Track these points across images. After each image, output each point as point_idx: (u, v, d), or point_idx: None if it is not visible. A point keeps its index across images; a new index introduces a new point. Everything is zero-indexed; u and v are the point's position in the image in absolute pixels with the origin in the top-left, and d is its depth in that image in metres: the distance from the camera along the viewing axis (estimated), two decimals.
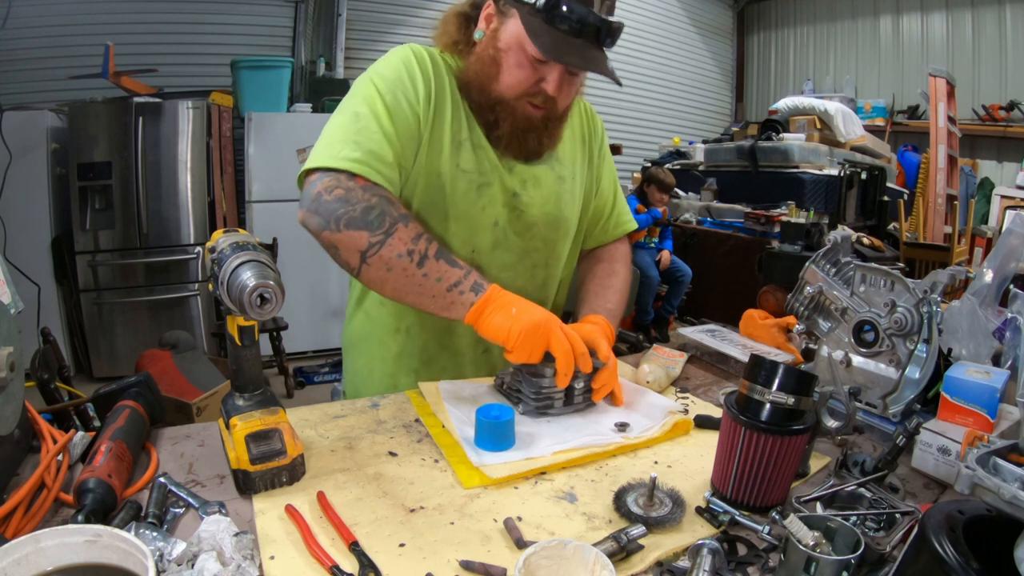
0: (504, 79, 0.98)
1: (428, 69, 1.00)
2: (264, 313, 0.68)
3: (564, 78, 0.97)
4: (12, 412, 0.70)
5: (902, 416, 0.91)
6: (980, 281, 1.02)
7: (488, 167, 1.04)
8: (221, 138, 3.83)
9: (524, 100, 0.99)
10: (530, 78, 0.97)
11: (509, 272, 1.10)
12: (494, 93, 1.00)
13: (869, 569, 0.61)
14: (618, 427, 0.90)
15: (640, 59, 6.33)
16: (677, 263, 4.28)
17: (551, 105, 1.00)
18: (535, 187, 1.08)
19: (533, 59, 0.95)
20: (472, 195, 1.03)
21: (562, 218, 1.13)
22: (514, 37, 0.95)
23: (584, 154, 1.19)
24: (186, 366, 2.55)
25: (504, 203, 1.06)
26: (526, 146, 1.03)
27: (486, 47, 0.99)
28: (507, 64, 0.97)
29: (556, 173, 1.11)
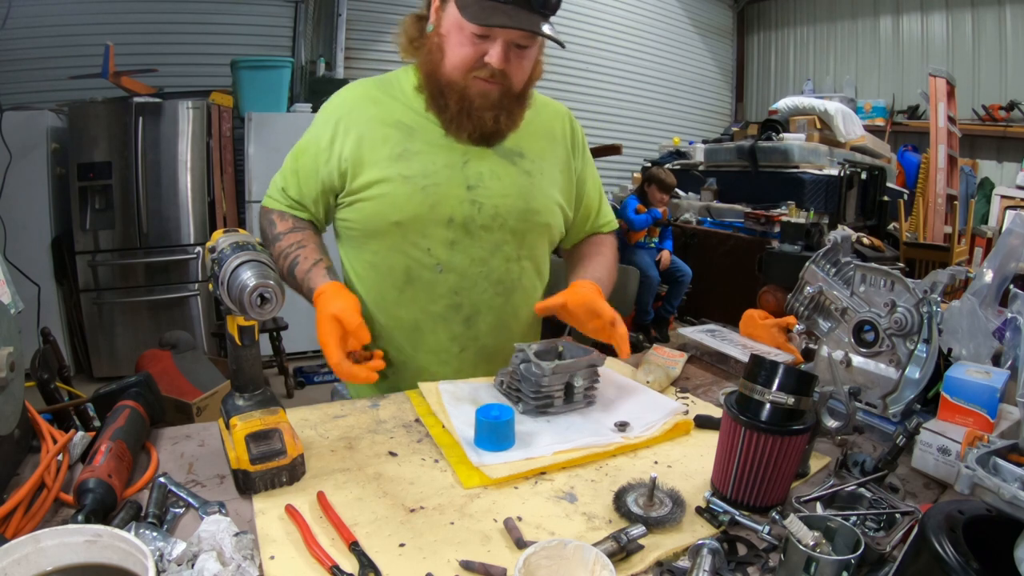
0: (448, 61, 1.03)
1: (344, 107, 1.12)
2: (264, 313, 0.68)
3: (508, 49, 1.00)
4: (12, 412, 0.70)
5: (902, 416, 0.91)
6: (980, 281, 1.02)
7: (435, 168, 1.07)
8: (221, 138, 3.83)
9: (473, 77, 1.02)
10: (473, 54, 1.00)
11: (480, 267, 1.11)
12: (443, 77, 1.04)
13: (869, 569, 0.61)
14: (618, 427, 0.90)
15: (640, 59, 6.33)
16: (677, 263, 4.27)
17: (504, 80, 1.03)
18: (494, 180, 1.10)
19: (472, 35, 0.98)
20: (417, 197, 1.06)
21: (530, 210, 1.13)
22: (453, 19, 1.00)
23: (561, 155, 1.21)
24: (186, 366, 2.55)
25: (460, 199, 1.08)
26: (480, 124, 1.05)
27: (433, 37, 1.05)
28: (449, 46, 1.02)
29: (520, 168, 1.13)
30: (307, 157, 1.12)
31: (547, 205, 1.17)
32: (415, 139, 1.08)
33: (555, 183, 1.19)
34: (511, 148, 1.12)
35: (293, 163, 1.15)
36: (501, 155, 1.11)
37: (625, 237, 4.18)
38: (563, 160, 1.21)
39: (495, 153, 1.11)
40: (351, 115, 1.10)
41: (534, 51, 1.06)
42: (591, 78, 5.91)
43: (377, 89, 1.13)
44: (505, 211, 1.11)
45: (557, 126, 1.22)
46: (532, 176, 1.14)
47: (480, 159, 1.10)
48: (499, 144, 1.11)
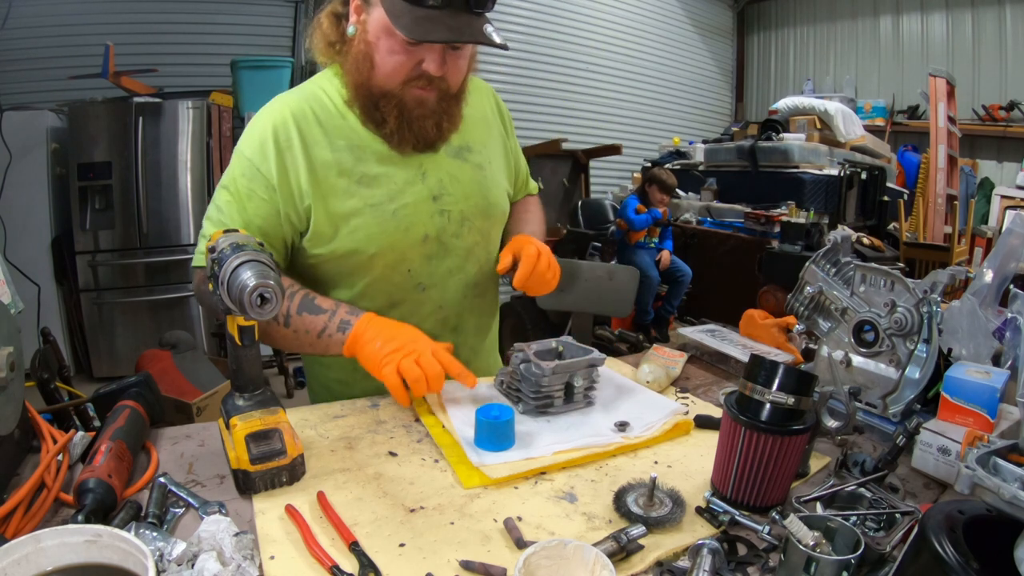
0: (380, 71, 0.94)
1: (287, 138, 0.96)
2: (264, 313, 0.68)
3: (445, 54, 0.92)
4: (12, 412, 0.70)
5: (902, 416, 0.91)
6: (980, 281, 1.02)
7: (398, 188, 1.00)
8: (221, 138, 3.83)
9: (409, 86, 0.95)
10: (407, 62, 0.92)
11: (458, 276, 1.09)
12: (375, 88, 0.96)
13: (869, 569, 0.61)
14: (618, 427, 0.90)
15: (640, 59, 6.33)
16: (677, 263, 4.27)
17: (441, 85, 0.96)
18: (455, 184, 1.06)
19: (405, 42, 0.90)
20: (390, 222, 1.00)
21: (490, 205, 1.12)
22: (381, 24, 0.90)
23: (496, 136, 1.17)
24: (186, 366, 2.55)
25: (429, 213, 1.03)
26: (423, 133, 0.99)
27: (358, 43, 0.95)
28: (380, 54, 0.93)
29: (472, 163, 1.09)
30: (256, 201, 0.95)
31: (500, 195, 1.15)
32: (367, 161, 0.99)
33: (501, 168, 1.17)
34: (459, 145, 1.08)
35: (238, 212, 0.95)
36: (452, 155, 1.07)
37: (625, 237, 4.18)
38: (501, 142, 1.19)
39: (446, 155, 1.06)
40: (294, 140, 0.96)
41: (469, 48, 0.98)
42: (591, 78, 5.91)
43: (311, 106, 1.00)
44: (470, 213, 1.08)
45: (487, 107, 1.17)
46: (484, 169, 1.11)
47: (435, 166, 1.04)
48: (448, 144, 1.06)
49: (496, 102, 1.21)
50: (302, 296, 0.94)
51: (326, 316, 0.93)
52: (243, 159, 0.97)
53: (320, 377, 1.17)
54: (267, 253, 0.73)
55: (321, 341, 0.93)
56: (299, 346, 0.96)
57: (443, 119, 1.00)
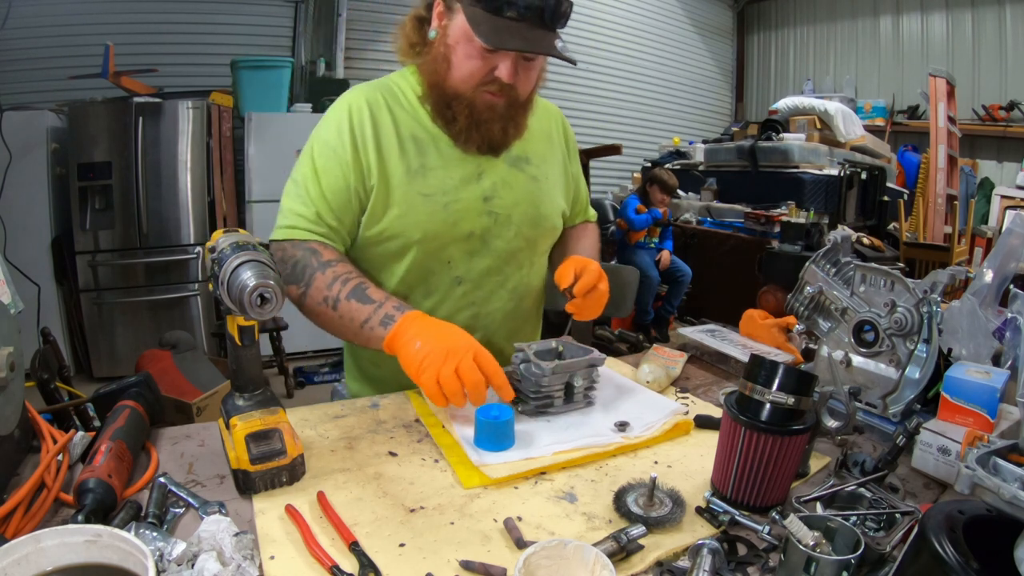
0: (456, 73, 1.00)
1: (361, 122, 1.03)
2: (264, 313, 0.68)
3: (518, 64, 0.98)
4: (12, 412, 0.70)
5: (902, 416, 0.91)
6: (980, 281, 1.02)
7: (453, 183, 1.05)
8: (221, 138, 3.83)
9: (481, 90, 1.00)
10: (482, 68, 0.98)
11: (496, 277, 1.12)
12: (449, 89, 1.01)
13: (869, 569, 0.61)
14: (618, 427, 0.90)
15: (640, 59, 6.33)
16: (677, 263, 4.27)
17: (511, 92, 1.01)
18: (508, 189, 1.10)
19: (482, 49, 0.96)
20: (440, 215, 1.04)
21: (540, 216, 1.15)
22: (461, 30, 0.96)
23: (558, 156, 1.22)
24: (186, 366, 2.55)
25: (478, 212, 1.07)
26: (489, 136, 1.04)
27: (438, 45, 1.01)
28: (457, 58, 0.99)
29: (528, 174, 1.13)
30: (332, 176, 1.02)
31: (554, 210, 1.18)
32: (429, 154, 1.06)
33: (558, 186, 1.21)
34: (517, 155, 1.12)
35: (315, 185, 1.02)
36: (510, 163, 1.11)
37: (625, 237, 4.18)
38: (561, 162, 1.23)
39: (504, 162, 1.10)
40: (366, 125, 1.04)
41: (540, 61, 1.04)
42: (591, 78, 5.91)
43: (384, 97, 1.07)
44: (519, 219, 1.11)
45: (553, 128, 1.23)
46: (539, 182, 1.15)
47: (492, 170, 1.09)
48: (508, 152, 1.11)
49: (564, 127, 1.26)
50: (355, 284, 0.96)
51: (372, 307, 0.93)
52: (320, 140, 1.04)
53: (355, 356, 1.22)
54: (267, 253, 0.73)
55: (363, 332, 0.93)
56: (343, 332, 0.98)
57: (509, 124, 1.05)
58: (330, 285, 0.96)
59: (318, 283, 0.97)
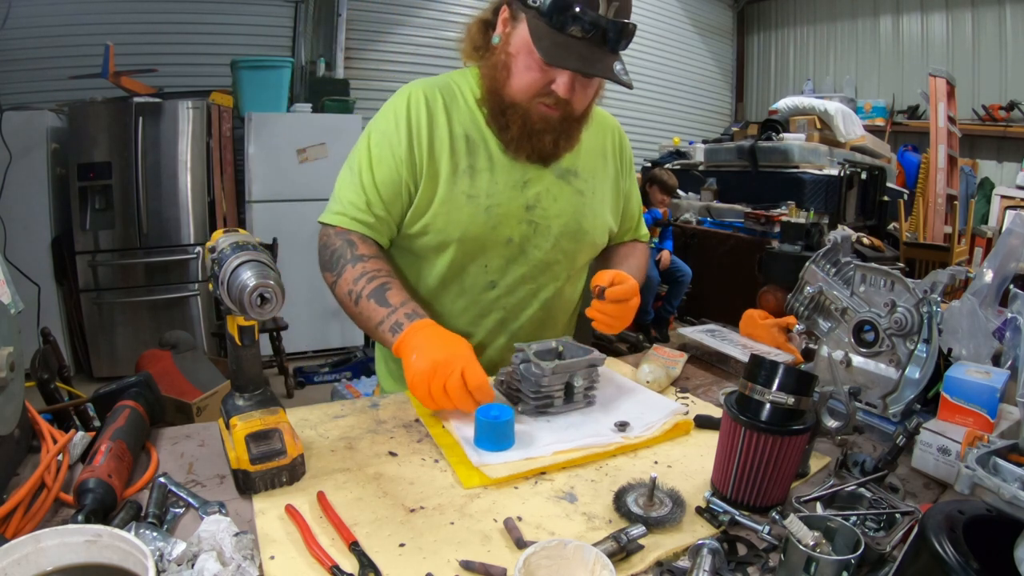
0: (514, 83, 1.01)
1: (418, 116, 1.05)
2: (264, 313, 0.68)
3: (575, 80, 0.98)
4: (12, 412, 0.70)
5: (902, 416, 0.91)
6: (980, 281, 1.02)
7: (498, 188, 1.06)
8: (221, 138, 3.83)
9: (537, 101, 1.01)
10: (540, 80, 0.99)
11: (530, 285, 1.13)
12: (506, 97, 1.02)
13: (869, 569, 0.61)
14: (618, 427, 0.90)
15: (640, 59, 6.32)
16: (677, 263, 4.27)
17: (566, 107, 1.01)
18: (552, 200, 1.10)
19: (541, 62, 0.96)
20: (481, 217, 1.05)
21: (581, 230, 1.15)
22: (523, 41, 0.97)
23: (610, 171, 1.22)
24: (186, 366, 2.55)
25: (519, 219, 1.08)
26: (540, 146, 1.05)
27: (499, 52, 1.02)
28: (516, 68, 0.99)
29: (574, 188, 1.13)
30: (385, 168, 1.04)
31: (597, 225, 1.18)
32: (479, 155, 1.07)
33: (605, 202, 1.20)
34: (566, 168, 1.12)
35: (368, 176, 1.04)
36: (557, 175, 1.11)
37: None
38: (613, 178, 1.22)
39: (551, 173, 1.11)
40: (423, 121, 1.05)
41: (598, 79, 1.04)
42: None
43: (444, 94, 1.08)
44: (559, 232, 1.12)
45: (608, 143, 1.22)
46: (585, 196, 1.15)
47: (538, 179, 1.09)
48: (556, 163, 1.11)
49: (621, 141, 1.26)
50: (379, 283, 0.98)
51: (387, 311, 0.96)
52: (377, 131, 1.07)
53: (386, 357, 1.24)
54: (267, 253, 0.73)
55: (377, 332, 0.98)
56: (363, 326, 1.02)
57: (561, 137, 1.05)
58: (356, 280, 0.99)
59: (347, 275, 1.00)
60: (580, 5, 0.91)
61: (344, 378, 3.60)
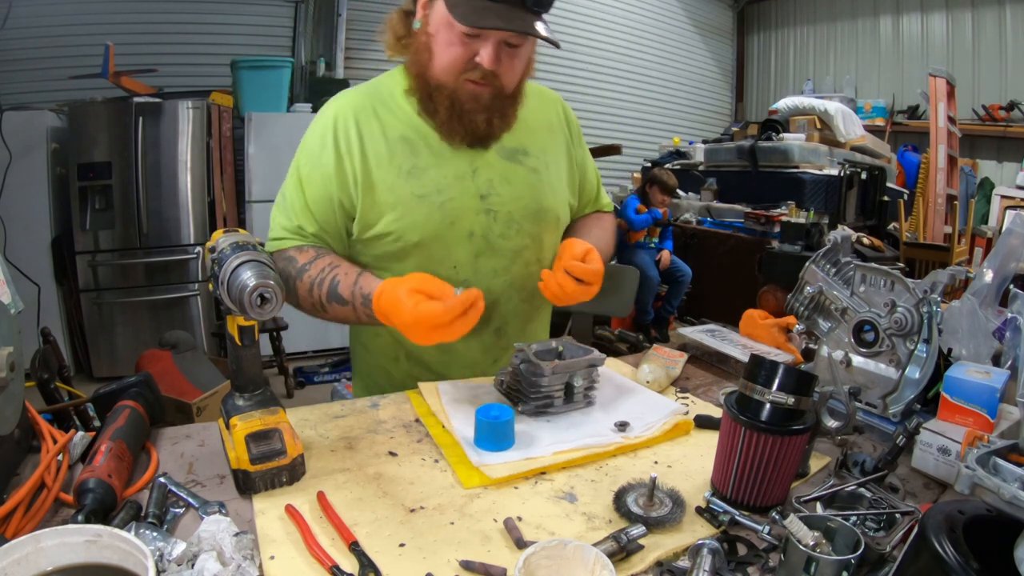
0: (437, 62, 0.98)
1: (345, 128, 1.03)
2: (264, 313, 0.68)
3: (500, 49, 0.95)
4: (12, 412, 0.70)
5: (902, 416, 0.91)
6: (980, 281, 1.02)
7: (448, 182, 1.03)
8: (221, 138, 3.83)
9: (463, 79, 0.98)
10: (463, 55, 0.95)
11: (503, 276, 1.09)
12: (432, 79, 1.00)
13: (869, 569, 0.61)
14: (618, 427, 0.90)
15: (640, 59, 6.33)
16: (677, 263, 4.27)
17: (495, 81, 0.98)
18: (505, 184, 1.07)
19: (462, 35, 0.93)
20: (436, 215, 1.02)
21: (542, 209, 1.11)
22: (441, 16, 0.94)
23: (561, 144, 1.18)
24: (186, 366, 2.55)
25: (476, 210, 1.05)
26: (472, 127, 1.01)
27: (420, 35, 1.00)
28: (438, 46, 0.97)
29: (527, 167, 1.10)
30: (315, 187, 1.03)
31: (557, 201, 1.15)
32: (420, 153, 1.04)
33: (561, 176, 1.17)
34: (515, 147, 1.09)
35: (299, 196, 1.03)
36: (506, 157, 1.08)
37: (625, 237, 4.18)
38: (564, 150, 1.19)
39: (500, 155, 1.07)
40: (352, 132, 1.03)
41: (527, 49, 1.01)
42: (591, 78, 5.91)
43: (371, 100, 1.06)
44: (519, 215, 1.08)
45: (553, 115, 1.19)
46: (539, 173, 1.11)
47: (487, 165, 1.06)
48: (501, 145, 1.07)
49: (565, 112, 1.22)
50: (328, 286, 0.96)
51: (349, 309, 0.95)
52: (306, 150, 1.05)
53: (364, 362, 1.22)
54: (267, 253, 0.73)
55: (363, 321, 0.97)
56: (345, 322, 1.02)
57: (494, 116, 1.02)
58: (310, 291, 0.98)
59: (301, 292, 0.99)
60: None
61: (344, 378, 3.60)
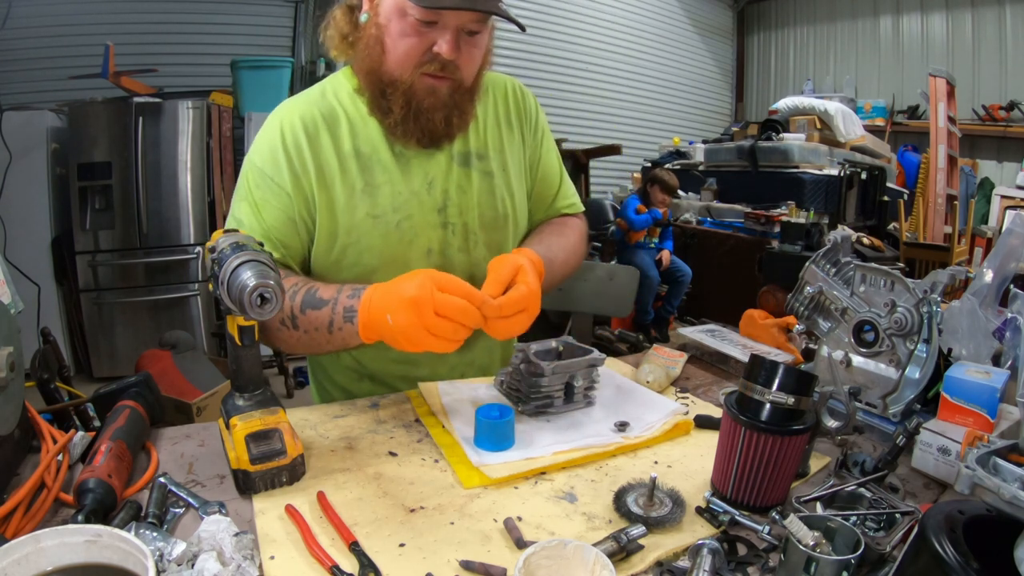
0: (391, 55, 0.89)
1: (295, 140, 0.94)
2: (264, 313, 0.68)
3: (459, 37, 0.88)
4: (12, 412, 0.70)
5: (902, 416, 0.91)
6: (980, 281, 1.02)
7: (403, 199, 0.97)
8: (221, 138, 3.83)
9: (420, 73, 0.89)
10: (419, 45, 0.87)
11: None
12: (385, 75, 0.91)
13: (869, 569, 0.61)
14: (618, 427, 0.90)
15: (640, 59, 6.33)
16: (677, 263, 4.27)
17: (454, 73, 0.90)
18: (460, 194, 1.01)
19: (417, 23, 0.86)
20: (393, 236, 0.97)
21: (499, 217, 1.05)
22: (392, 5, 0.86)
23: (516, 137, 1.09)
24: (186, 366, 2.55)
25: (433, 225, 0.99)
26: (430, 126, 0.93)
27: (369, 27, 0.91)
28: (391, 37, 0.88)
29: (480, 170, 1.03)
30: (272, 211, 0.94)
31: (512, 205, 1.07)
32: (374, 170, 0.96)
33: (518, 175, 1.09)
34: (470, 152, 1.02)
35: (256, 224, 0.93)
36: (461, 163, 1.01)
37: (625, 237, 4.19)
38: (519, 143, 1.10)
39: (455, 162, 1.01)
40: (303, 146, 0.94)
41: (485, 37, 0.93)
42: (591, 78, 5.92)
43: (318, 109, 0.97)
44: (475, 226, 1.02)
45: (510, 105, 1.09)
46: (494, 177, 1.04)
47: (443, 175, 1.00)
48: (454, 150, 1.01)
49: (522, 98, 1.11)
50: (304, 292, 0.87)
51: (329, 309, 0.85)
52: (255, 169, 0.95)
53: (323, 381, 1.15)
54: (267, 253, 0.73)
55: (333, 337, 0.86)
56: (312, 347, 0.90)
57: (453, 113, 0.94)
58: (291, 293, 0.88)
59: None
60: None
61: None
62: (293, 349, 0.93)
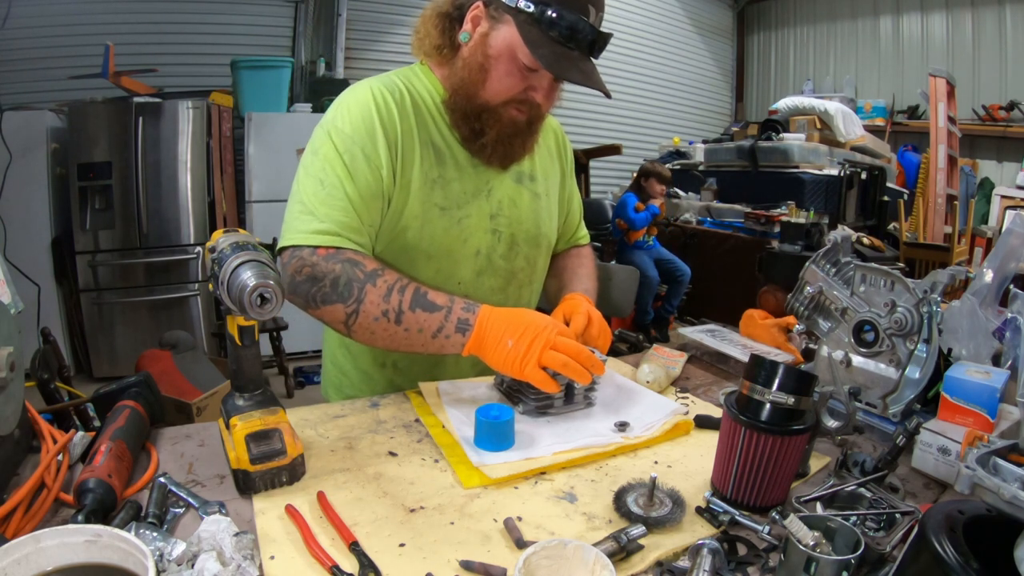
0: (492, 86, 0.96)
1: (390, 114, 0.97)
2: (264, 313, 0.68)
3: (553, 86, 0.98)
4: (12, 412, 0.70)
5: (902, 416, 0.91)
6: (980, 281, 1.02)
7: (466, 198, 1.03)
8: (221, 138, 3.83)
9: (508, 106, 0.98)
10: (518, 86, 0.96)
11: (498, 295, 1.10)
12: (480, 100, 0.98)
13: (869, 569, 0.61)
14: (618, 427, 0.90)
15: (640, 59, 6.33)
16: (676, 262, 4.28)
17: (536, 111, 1.00)
18: (512, 207, 1.08)
19: (524, 67, 0.94)
20: (453, 230, 1.02)
21: (540, 234, 1.13)
22: (506, 44, 0.93)
23: (558, 171, 1.21)
24: (186, 366, 2.55)
25: (485, 229, 1.06)
26: (511, 151, 1.03)
27: (474, 53, 0.96)
28: (497, 72, 0.95)
29: (531, 191, 1.12)
30: (362, 176, 0.93)
31: (553, 228, 1.18)
32: (447, 165, 1.02)
33: (556, 203, 1.20)
34: (524, 171, 1.11)
35: (351, 186, 0.92)
36: (516, 179, 1.09)
37: (624, 237, 4.18)
38: (559, 176, 1.22)
39: (511, 178, 1.09)
40: (387, 125, 0.96)
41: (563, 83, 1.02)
42: None
43: (408, 94, 1.00)
44: (520, 239, 1.10)
45: (552, 141, 1.21)
46: (540, 199, 1.13)
47: (500, 185, 1.07)
48: (514, 167, 1.09)
49: (563, 140, 1.24)
50: (413, 290, 0.89)
51: (442, 314, 0.88)
52: (343, 135, 0.94)
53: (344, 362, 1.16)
54: (267, 253, 0.73)
55: (436, 341, 0.89)
56: (408, 345, 0.91)
57: (528, 140, 1.04)
58: (386, 297, 0.88)
59: (371, 297, 0.88)
60: (574, 14, 0.91)
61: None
62: (381, 343, 0.92)
